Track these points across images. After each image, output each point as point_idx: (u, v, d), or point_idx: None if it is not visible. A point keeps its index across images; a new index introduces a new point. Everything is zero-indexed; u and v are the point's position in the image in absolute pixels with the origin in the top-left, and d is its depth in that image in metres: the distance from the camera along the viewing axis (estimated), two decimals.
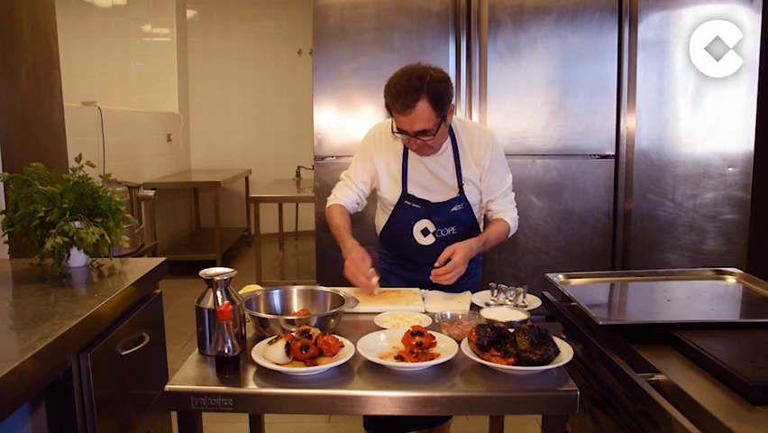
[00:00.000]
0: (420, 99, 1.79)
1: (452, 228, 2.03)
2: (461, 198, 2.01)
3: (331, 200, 2.11)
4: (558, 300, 1.84)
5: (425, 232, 2.04)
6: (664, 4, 3.04)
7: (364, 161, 2.08)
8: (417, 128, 1.83)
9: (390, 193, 2.05)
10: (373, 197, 2.20)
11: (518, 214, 2.12)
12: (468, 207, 2.03)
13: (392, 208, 2.06)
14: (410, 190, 2.03)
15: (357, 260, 1.84)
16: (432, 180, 2.02)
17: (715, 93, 3.07)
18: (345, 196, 2.09)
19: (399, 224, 2.06)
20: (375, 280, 1.84)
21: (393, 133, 1.91)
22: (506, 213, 2.07)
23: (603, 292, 1.90)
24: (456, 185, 2.01)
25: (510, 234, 2.08)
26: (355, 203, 2.11)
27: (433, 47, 3.06)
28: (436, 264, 1.83)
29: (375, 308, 1.71)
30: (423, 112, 1.80)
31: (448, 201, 2.01)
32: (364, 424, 2.07)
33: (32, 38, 2.46)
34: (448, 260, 1.83)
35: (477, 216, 2.09)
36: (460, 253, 1.83)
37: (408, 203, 2.03)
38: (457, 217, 2.02)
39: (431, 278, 1.83)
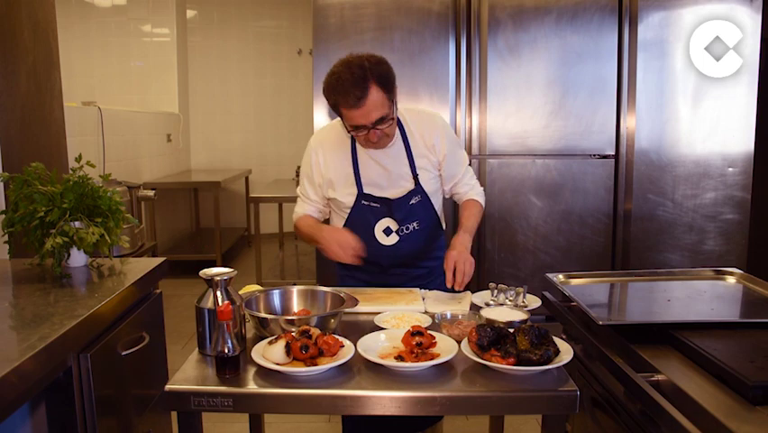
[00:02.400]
0: (370, 86, 1.70)
1: (414, 223, 1.96)
2: (418, 188, 1.94)
3: (295, 216, 2.07)
4: (558, 300, 1.84)
5: (387, 231, 1.95)
6: (664, 4, 3.04)
7: (310, 177, 2.00)
8: (374, 117, 1.73)
9: (345, 196, 1.95)
10: None
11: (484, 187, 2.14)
12: (426, 199, 1.96)
13: (348, 210, 1.96)
14: (366, 190, 1.93)
15: (335, 230, 1.86)
16: (385, 176, 1.94)
17: (715, 93, 3.07)
18: (304, 210, 2.05)
19: (358, 225, 1.95)
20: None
21: (349, 132, 1.81)
22: (473, 190, 2.06)
23: (603, 292, 1.90)
24: (411, 176, 1.94)
25: (482, 207, 2.09)
26: (318, 213, 2.06)
27: (433, 47, 3.07)
28: (448, 284, 1.79)
29: (375, 308, 1.71)
30: (376, 99, 1.71)
31: (406, 195, 1.93)
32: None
33: (31, 38, 2.47)
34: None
35: (437, 206, 2.02)
36: (461, 257, 1.79)
37: (366, 203, 1.94)
38: (417, 211, 1.95)
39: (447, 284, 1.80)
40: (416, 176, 1.94)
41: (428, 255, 2.05)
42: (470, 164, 2.09)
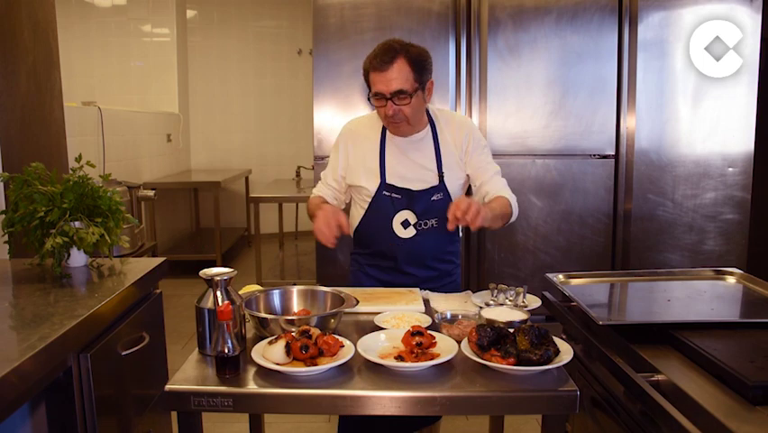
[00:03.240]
0: (398, 57, 1.83)
1: (434, 221, 1.97)
2: (441, 186, 1.96)
3: (311, 195, 2.14)
4: (558, 300, 1.84)
5: (405, 224, 1.97)
6: (664, 4, 3.04)
7: (336, 158, 2.07)
8: (394, 87, 1.82)
9: (368, 184, 1.99)
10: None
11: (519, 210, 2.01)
12: (447, 198, 1.97)
13: (369, 200, 2.00)
14: (389, 180, 1.97)
15: (328, 210, 1.83)
16: (412, 168, 1.97)
17: (715, 93, 3.07)
18: (320, 192, 2.11)
19: (378, 217, 1.99)
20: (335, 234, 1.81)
21: (369, 100, 1.91)
22: (504, 191, 1.96)
23: (603, 292, 1.90)
24: (436, 173, 1.97)
25: (513, 216, 1.95)
26: (333, 198, 2.09)
27: (433, 47, 3.06)
28: (456, 212, 1.66)
29: (375, 308, 1.71)
30: (401, 69, 1.82)
31: (429, 189, 1.96)
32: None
33: (31, 38, 2.46)
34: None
35: None
36: (464, 199, 1.69)
37: (387, 193, 1.96)
38: (437, 208, 1.96)
39: (449, 226, 1.71)
40: (441, 173, 1.97)
41: (442, 257, 2.04)
42: None
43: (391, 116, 1.88)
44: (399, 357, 1.33)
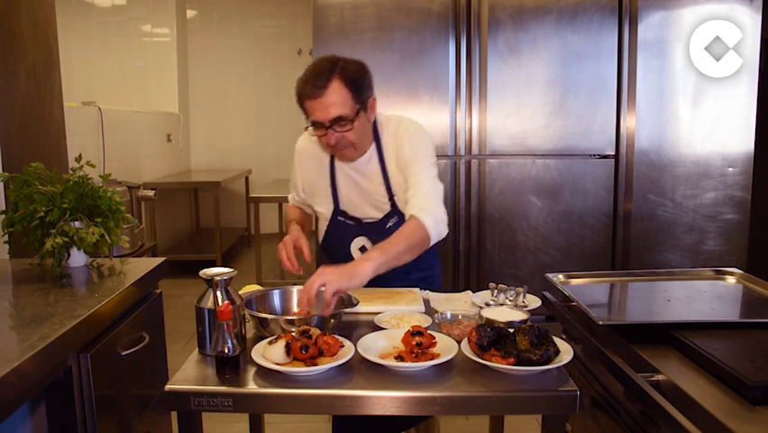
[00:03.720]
0: (332, 79, 1.64)
1: None
2: (395, 210, 1.84)
3: (289, 202, 2.12)
4: (558, 300, 1.84)
5: (363, 249, 1.87)
6: (664, 4, 3.04)
7: (295, 175, 2.01)
8: (332, 114, 1.65)
9: (323, 210, 1.91)
10: None
11: (446, 215, 1.75)
12: (403, 220, 1.79)
13: (327, 223, 1.92)
14: (342, 207, 1.87)
15: (287, 241, 1.79)
16: (363, 196, 1.86)
17: (715, 93, 3.07)
18: (294, 201, 2.09)
19: (336, 240, 1.90)
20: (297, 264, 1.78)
21: (306, 129, 1.75)
22: (419, 211, 1.68)
23: (603, 292, 1.90)
24: (387, 198, 1.83)
25: (432, 238, 1.68)
26: (306, 207, 2.05)
27: (433, 47, 3.07)
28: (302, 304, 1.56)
29: (375, 308, 1.71)
30: (337, 93, 1.64)
31: (382, 218, 1.84)
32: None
33: (32, 38, 2.47)
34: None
35: None
36: (314, 279, 1.47)
37: (342, 219, 1.88)
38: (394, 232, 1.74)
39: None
40: (392, 197, 1.84)
41: (414, 268, 1.91)
42: (468, 165, 2.05)
43: (334, 145, 1.72)
44: (399, 357, 1.33)
